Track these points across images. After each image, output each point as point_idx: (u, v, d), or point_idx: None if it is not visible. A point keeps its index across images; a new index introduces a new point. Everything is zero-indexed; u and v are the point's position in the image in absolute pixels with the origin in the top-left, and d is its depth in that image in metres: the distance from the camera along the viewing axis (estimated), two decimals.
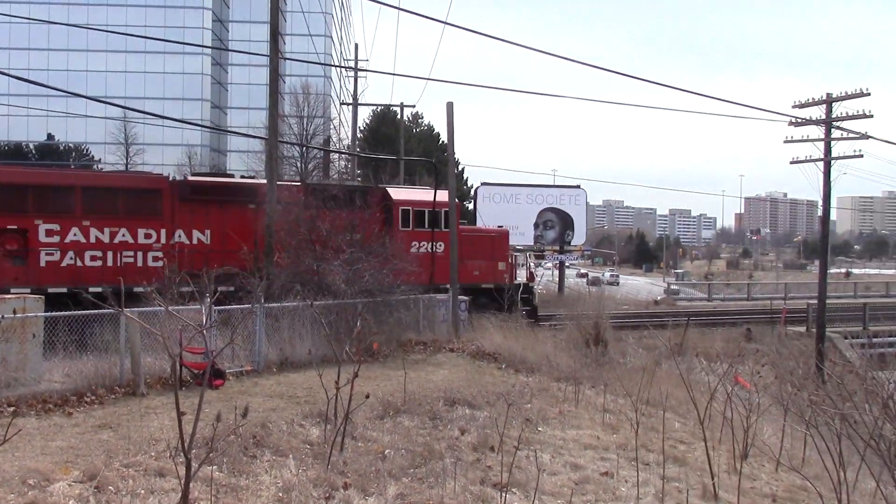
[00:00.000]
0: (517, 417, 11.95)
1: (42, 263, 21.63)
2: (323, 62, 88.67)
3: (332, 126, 70.58)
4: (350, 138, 49.06)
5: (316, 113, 59.90)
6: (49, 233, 21.75)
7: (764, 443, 12.66)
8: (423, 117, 69.83)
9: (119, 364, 13.10)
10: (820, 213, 30.37)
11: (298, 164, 56.05)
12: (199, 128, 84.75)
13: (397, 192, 27.08)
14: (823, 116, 26.81)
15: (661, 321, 26.74)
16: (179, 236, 23.11)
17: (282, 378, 14.87)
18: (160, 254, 22.56)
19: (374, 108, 65.20)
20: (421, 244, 25.70)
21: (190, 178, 27.39)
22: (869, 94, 26.17)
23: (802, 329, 29.98)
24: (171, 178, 24.61)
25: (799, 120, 27.06)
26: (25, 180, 22.63)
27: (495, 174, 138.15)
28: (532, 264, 34.29)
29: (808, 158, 27.78)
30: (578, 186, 47.33)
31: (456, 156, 58.63)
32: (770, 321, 33.00)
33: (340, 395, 9.45)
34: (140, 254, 22.60)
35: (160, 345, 12.64)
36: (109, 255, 22.28)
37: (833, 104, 26.62)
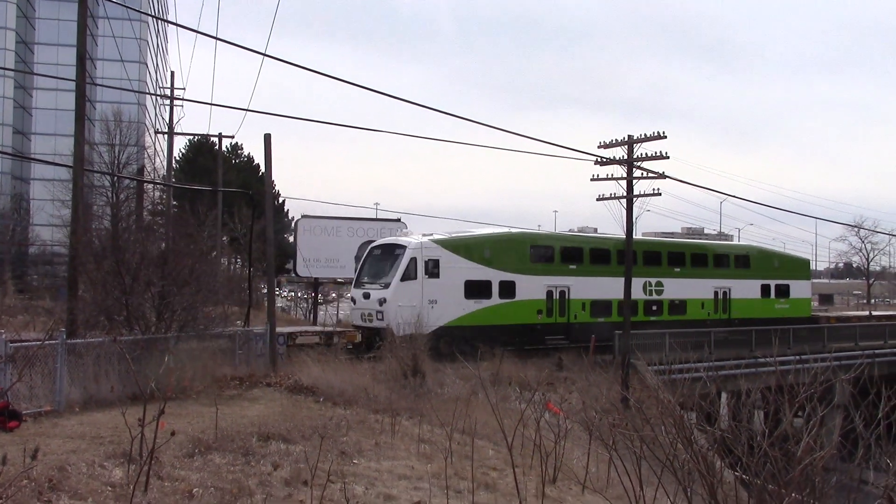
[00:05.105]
0: (333, 450, 11.89)
1: None
2: (136, 89, 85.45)
3: (146, 155, 67.87)
4: (165, 168, 47.39)
5: (129, 141, 57.36)
6: None
7: (570, 467, 13.19)
8: (242, 148, 68.44)
9: None
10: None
11: (109, 194, 53.54)
12: None
13: None
14: (626, 156, 28.42)
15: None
16: None
17: (85, 418, 14.13)
18: None
19: (192, 137, 63.54)
20: None
21: None
22: (665, 137, 27.95)
23: (610, 357, 31.38)
24: None
25: (604, 159, 28.49)
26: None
27: (318, 207, 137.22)
28: None
29: (613, 196, 29.30)
30: (399, 220, 47.63)
31: (276, 188, 57.66)
32: (581, 350, 34.41)
33: (147, 433, 9.09)
34: None
35: None
36: None
37: (634, 145, 28.27)
